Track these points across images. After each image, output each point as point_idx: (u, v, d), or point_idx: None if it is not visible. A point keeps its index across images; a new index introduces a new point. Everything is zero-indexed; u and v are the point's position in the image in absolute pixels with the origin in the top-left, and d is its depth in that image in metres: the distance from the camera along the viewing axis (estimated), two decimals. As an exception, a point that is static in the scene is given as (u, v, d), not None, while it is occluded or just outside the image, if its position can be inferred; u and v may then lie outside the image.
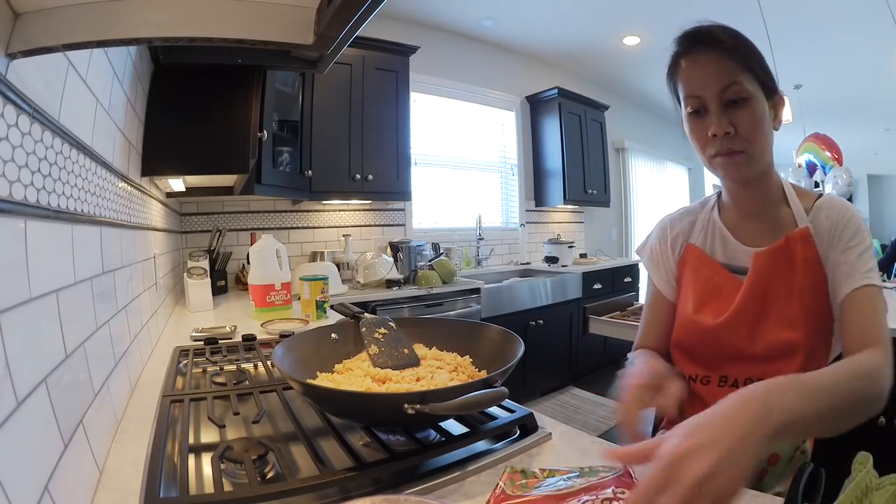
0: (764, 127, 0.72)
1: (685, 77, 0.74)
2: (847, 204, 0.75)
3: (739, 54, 0.70)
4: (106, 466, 0.65)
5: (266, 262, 1.76)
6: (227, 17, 0.54)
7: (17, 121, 0.46)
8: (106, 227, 0.82)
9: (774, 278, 0.75)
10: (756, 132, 0.71)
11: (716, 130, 0.71)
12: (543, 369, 3.23)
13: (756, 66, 0.71)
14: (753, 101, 0.71)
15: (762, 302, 0.76)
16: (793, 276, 0.74)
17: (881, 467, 0.48)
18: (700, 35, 0.73)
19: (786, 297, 0.75)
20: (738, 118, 0.71)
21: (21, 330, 0.43)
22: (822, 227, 0.74)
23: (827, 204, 0.76)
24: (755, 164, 0.74)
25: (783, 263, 0.75)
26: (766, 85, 0.72)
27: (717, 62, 0.71)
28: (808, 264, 0.74)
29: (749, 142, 0.72)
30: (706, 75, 0.72)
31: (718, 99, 0.71)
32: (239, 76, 1.49)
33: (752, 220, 0.81)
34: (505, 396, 0.61)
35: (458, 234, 3.63)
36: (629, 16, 3.42)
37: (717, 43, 0.71)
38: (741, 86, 0.70)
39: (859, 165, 6.89)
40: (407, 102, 3.01)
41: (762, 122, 0.72)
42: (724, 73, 0.70)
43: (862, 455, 0.49)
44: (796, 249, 0.74)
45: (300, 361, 0.83)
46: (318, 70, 0.81)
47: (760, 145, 0.73)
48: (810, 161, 4.49)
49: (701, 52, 0.72)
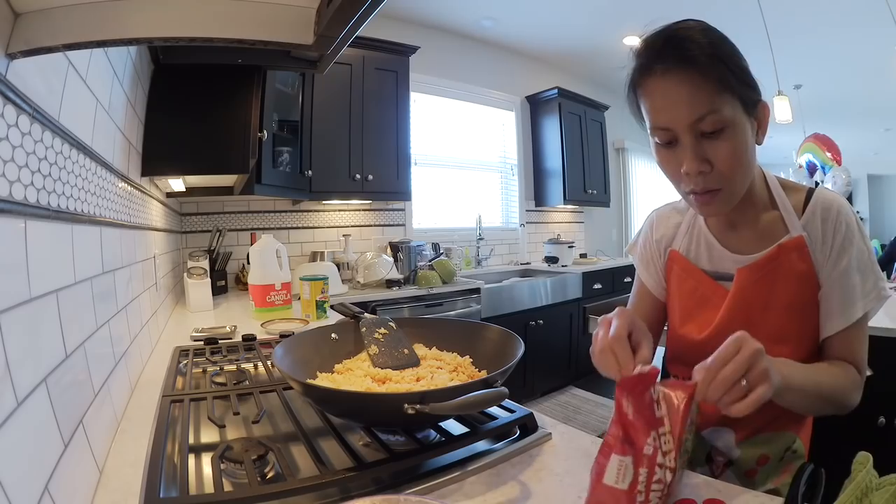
0: (746, 156, 0.63)
1: (650, 103, 0.63)
2: (842, 206, 0.69)
3: (716, 71, 0.58)
4: (106, 466, 0.65)
5: (266, 262, 1.76)
6: (227, 17, 0.54)
7: (17, 121, 0.46)
8: (106, 227, 0.82)
9: (761, 291, 0.71)
10: (736, 166, 0.62)
11: (688, 169, 0.62)
12: (543, 369, 3.23)
13: (735, 81, 0.60)
14: (732, 128, 0.60)
15: (747, 316, 0.71)
16: (782, 288, 0.70)
17: (881, 467, 0.48)
18: (668, 46, 0.60)
19: (774, 311, 0.71)
20: (715, 152, 0.61)
21: (21, 330, 0.43)
22: (817, 236, 0.69)
23: (821, 206, 0.70)
24: (735, 198, 0.67)
25: (772, 275, 0.70)
26: (748, 99, 0.62)
27: (689, 86, 0.59)
28: (802, 277, 0.69)
29: (728, 179, 0.63)
30: (676, 104, 0.60)
31: (692, 131, 0.60)
32: (239, 76, 1.49)
33: (738, 226, 0.75)
34: (505, 396, 0.61)
35: (458, 234, 3.63)
36: (629, 16, 3.42)
37: (688, 60, 0.59)
38: (718, 114, 0.59)
39: (859, 165, 6.90)
40: (407, 102, 3.01)
41: (744, 152, 0.62)
42: (698, 102, 0.59)
43: (862, 455, 0.49)
44: (790, 260, 0.69)
45: (300, 361, 0.83)
46: (318, 70, 0.81)
47: (743, 177, 0.65)
48: (811, 161, 4.49)
49: (669, 71, 0.60)
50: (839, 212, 0.69)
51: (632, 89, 0.66)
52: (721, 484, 0.59)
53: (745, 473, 0.78)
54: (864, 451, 0.49)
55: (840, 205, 0.69)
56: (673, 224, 0.84)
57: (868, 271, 0.69)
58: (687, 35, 0.61)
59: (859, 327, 0.70)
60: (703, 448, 0.81)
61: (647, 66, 0.62)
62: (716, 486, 0.58)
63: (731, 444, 0.78)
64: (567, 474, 0.62)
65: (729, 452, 0.78)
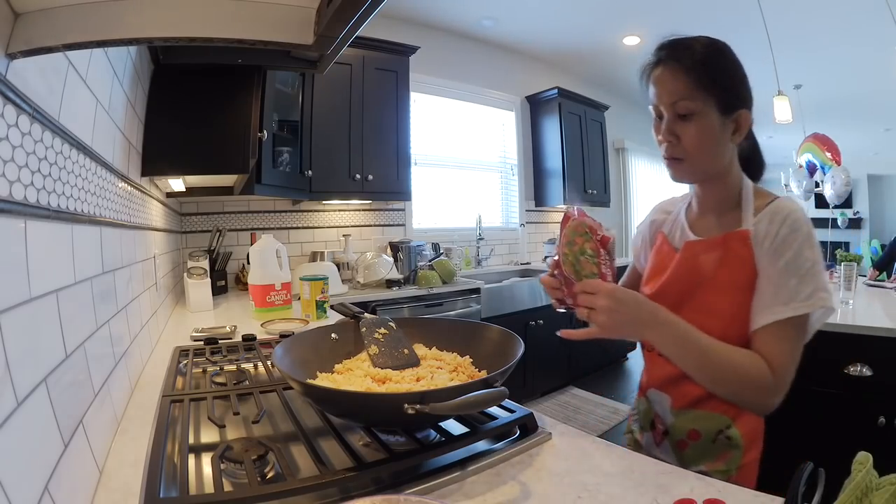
0: (708, 141, 0.78)
1: (652, 86, 0.82)
2: (794, 213, 0.76)
3: (698, 71, 0.76)
4: (106, 466, 0.65)
5: (266, 262, 1.76)
6: (227, 17, 0.54)
7: (17, 121, 0.46)
8: (106, 227, 0.82)
9: (703, 267, 0.82)
10: (697, 145, 0.78)
11: (661, 137, 0.81)
12: (543, 369, 3.23)
13: (712, 85, 0.75)
14: (700, 116, 0.76)
15: (687, 284, 0.83)
16: (723, 271, 0.80)
17: (881, 467, 0.48)
18: (669, 48, 0.79)
19: (711, 287, 0.81)
20: (684, 130, 0.78)
21: (21, 330, 0.43)
22: (762, 232, 0.77)
23: (773, 209, 0.78)
24: (695, 171, 0.82)
25: (715, 255, 0.81)
26: (724, 102, 0.76)
27: (674, 77, 0.77)
28: (742, 263, 0.78)
29: (689, 153, 0.79)
30: (663, 88, 0.79)
31: (671, 110, 0.78)
32: (239, 76, 1.49)
33: (708, 215, 0.88)
34: (505, 396, 0.61)
35: (458, 234, 3.63)
36: (629, 16, 3.42)
37: (680, 59, 0.77)
38: (690, 102, 0.76)
39: (859, 165, 6.90)
40: (407, 102, 3.01)
41: (707, 136, 0.77)
42: (678, 89, 0.77)
43: (862, 455, 0.49)
44: (733, 247, 0.79)
45: (300, 361, 0.83)
46: (318, 70, 0.81)
47: (702, 156, 0.79)
48: (810, 161, 4.49)
49: (666, 65, 0.79)
50: (787, 217, 0.76)
51: (644, 75, 0.84)
52: (721, 484, 0.59)
53: (677, 444, 0.85)
54: (864, 451, 0.49)
55: (791, 212, 0.76)
56: (667, 212, 0.99)
57: (808, 279, 0.73)
58: (688, 44, 0.79)
59: (785, 329, 0.74)
60: (649, 413, 0.92)
61: (653, 62, 0.81)
62: (716, 486, 0.59)
63: (666, 408, 0.87)
64: (567, 474, 0.62)
65: (665, 417, 0.88)
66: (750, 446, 0.81)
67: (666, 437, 0.87)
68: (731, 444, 0.80)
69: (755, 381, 0.73)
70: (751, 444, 0.81)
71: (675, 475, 0.61)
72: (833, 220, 6.51)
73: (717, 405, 0.81)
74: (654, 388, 0.90)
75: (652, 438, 0.91)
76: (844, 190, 4.33)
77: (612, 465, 0.64)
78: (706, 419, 0.82)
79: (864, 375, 1.61)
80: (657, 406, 0.90)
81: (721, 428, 0.81)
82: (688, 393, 0.83)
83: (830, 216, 6.41)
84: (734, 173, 0.83)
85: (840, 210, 7.12)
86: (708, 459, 0.82)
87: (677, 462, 0.84)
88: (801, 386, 1.39)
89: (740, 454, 0.80)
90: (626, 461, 0.66)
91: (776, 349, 0.74)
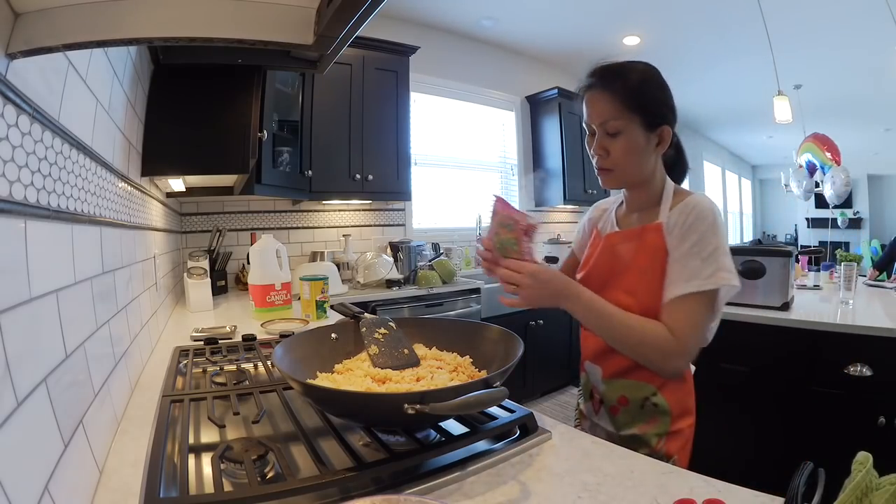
0: (634, 154, 0.90)
1: (584, 107, 0.93)
2: (700, 205, 0.87)
3: (623, 96, 0.87)
4: (106, 466, 0.65)
5: (266, 262, 1.76)
6: (227, 17, 0.54)
7: (17, 121, 0.46)
8: (106, 227, 0.82)
9: (623, 254, 0.94)
10: (625, 158, 0.90)
11: (593, 151, 0.93)
12: (543, 369, 3.23)
13: (637, 106, 0.87)
14: (626, 134, 0.88)
15: (610, 269, 0.96)
16: (640, 257, 0.92)
17: (881, 467, 0.48)
18: (599, 74, 0.90)
19: (630, 271, 0.93)
20: (612, 145, 0.90)
21: (21, 330, 0.43)
22: (672, 222, 0.89)
23: (685, 203, 0.89)
24: (622, 180, 0.95)
25: (633, 244, 0.93)
26: (649, 121, 0.88)
27: (602, 100, 0.89)
28: (656, 250, 0.90)
29: (617, 164, 0.91)
30: (594, 109, 0.90)
31: (601, 129, 0.90)
32: (239, 76, 1.49)
33: (633, 214, 1.00)
34: (505, 396, 0.61)
35: (458, 234, 3.63)
36: (629, 16, 3.42)
37: (606, 84, 0.89)
38: (617, 121, 0.88)
39: (859, 165, 6.90)
40: (407, 102, 3.01)
41: (632, 151, 0.89)
42: (606, 111, 0.88)
43: (862, 455, 0.49)
44: (648, 237, 0.91)
45: (300, 361, 0.83)
46: (318, 70, 0.81)
47: (629, 167, 0.91)
48: (810, 161, 4.49)
49: (595, 89, 0.90)
50: (694, 208, 0.87)
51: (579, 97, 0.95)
52: (721, 484, 0.59)
53: (610, 409, 0.97)
54: (864, 451, 0.49)
55: (698, 203, 0.88)
56: (602, 210, 1.12)
57: (710, 260, 0.83)
58: (617, 70, 0.90)
59: (687, 302, 0.84)
60: (588, 384, 1.04)
61: (585, 86, 0.93)
62: (716, 486, 0.59)
63: (599, 378, 0.99)
64: (567, 474, 0.62)
65: (598, 387, 1.00)
66: (681, 415, 0.92)
67: (602, 404, 1.00)
68: (658, 410, 0.91)
69: (653, 342, 0.84)
70: (681, 414, 0.92)
71: (675, 475, 0.61)
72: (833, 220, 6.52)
73: (641, 375, 0.92)
74: (588, 360, 1.03)
75: (592, 407, 1.04)
76: (844, 190, 4.33)
77: (612, 465, 0.64)
78: (632, 387, 0.93)
79: (864, 375, 1.61)
80: (592, 377, 1.02)
81: (647, 395, 0.92)
82: (615, 364, 0.95)
83: (830, 216, 6.42)
84: (658, 178, 0.95)
85: (840, 210, 7.12)
86: (639, 423, 0.93)
87: (612, 427, 0.97)
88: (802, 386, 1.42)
89: (669, 419, 0.91)
90: (627, 461, 0.66)
91: (678, 317, 0.84)
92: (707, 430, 1.01)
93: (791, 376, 1.75)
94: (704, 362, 1.03)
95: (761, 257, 1.91)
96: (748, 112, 5.53)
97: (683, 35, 3.63)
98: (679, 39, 3.72)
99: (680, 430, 0.91)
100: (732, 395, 1.85)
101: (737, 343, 1.81)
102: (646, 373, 0.90)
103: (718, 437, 1.50)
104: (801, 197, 4.68)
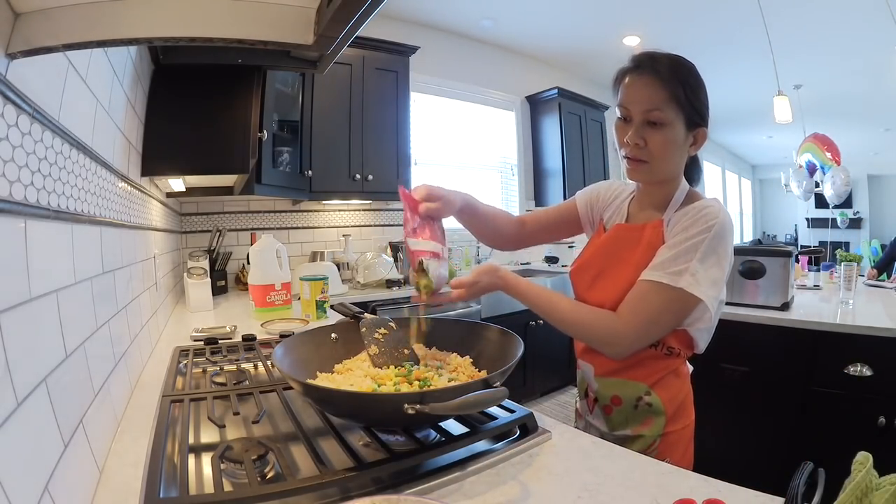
0: (672, 149, 0.85)
1: (624, 89, 0.87)
2: (708, 210, 0.83)
3: (672, 86, 0.82)
4: (106, 466, 0.65)
5: (266, 262, 1.76)
6: (227, 17, 0.54)
7: (17, 121, 0.46)
8: (106, 227, 0.82)
9: (624, 247, 0.92)
10: (662, 152, 0.84)
11: (630, 139, 0.85)
12: (543, 369, 3.23)
13: (684, 100, 0.82)
14: (669, 127, 0.83)
15: (606, 261, 0.94)
16: (637, 251, 0.89)
17: (881, 467, 0.48)
18: (648, 59, 0.85)
19: (625, 264, 0.90)
20: (651, 136, 0.84)
21: (21, 330, 0.43)
22: (673, 221, 0.87)
23: (692, 206, 0.86)
24: (653, 174, 0.89)
25: (634, 240, 0.91)
26: (690, 118, 0.84)
27: (650, 87, 0.83)
28: (652, 246, 0.87)
29: (653, 157, 0.85)
30: (638, 94, 0.84)
31: (642, 116, 0.84)
32: (239, 76, 1.49)
33: (645, 210, 0.96)
34: (505, 396, 0.61)
35: (458, 234, 3.62)
36: (629, 16, 3.42)
37: (657, 71, 0.83)
38: (662, 112, 0.82)
39: (859, 165, 6.90)
40: (407, 102, 3.00)
41: (671, 145, 0.84)
42: (652, 98, 0.82)
43: (862, 455, 0.49)
44: (651, 235, 0.89)
45: (300, 361, 0.83)
46: (318, 70, 0.81)
47: (664, 162, 0.86)
48: (810, 161, 4.49)
49: (643, 74, 0.84)
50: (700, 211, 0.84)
51: (616, 83, 0.90)
52: (721, 484, 0.59)
53: (604, 409, 0.94)
54: (864, 451, 0.49)
55: (706, 208, 0.84)
56: (615, 194, 1.06)
57: (683, 259, 0.81)
58: (667, 60, 0.85)
59: (643, 288, 0.83)
60: (583, 382, 1.01)
61: (630, 68, 0.87)
62: (716, 486, 0.59)
63: (591, 376, 0.97)
64: (567, 474, 0.62)
65: (591, 384, 0.97)
66: (676, 415, 0.89)
67: (596, 403, 0.97)
68: (652, 411, 0.89)
69: (594, 325, 0.85)
70: (677, 414, 0.89)
71: (675, 475, 0.61)
72: (833, 220, 6.52)
73: (634, 373, 0.89)
74: (580, 357, 1.01)
75: (587, 405, 1.01)
76: (844, 190, 4.33)
77: (612, 465, 0.64)
78: (625, 386, 0.91)
79: (864, 375, 1.61)
80: (586, 374, 0.99)
81: (640, 394, 0.89)
82: (607, 361, 0.92)
83: (830, 216, 6.42)
84: (679, 181, 0.92)
85: (840, 210, 7.11)
86: (633, 424, 0.90)
87: (606, 426, 0.94)
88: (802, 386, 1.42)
89: (663, 420, 0.88)
90: (627, 461, 0.66)
91: (628, 301, 0.84)
92: (707, 430, 1.01)
93: (791, 376, 1.74)
94: (704, 362, 1.03)
95: (761, 257, 1.91)
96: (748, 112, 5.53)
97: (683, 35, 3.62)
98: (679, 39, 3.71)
99: (675, 432, 0.88)
100: (732, 395, 1.85)
101: (737, 343, 1.81)
102: (639, 371, 0.88)
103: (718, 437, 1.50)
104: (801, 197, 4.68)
